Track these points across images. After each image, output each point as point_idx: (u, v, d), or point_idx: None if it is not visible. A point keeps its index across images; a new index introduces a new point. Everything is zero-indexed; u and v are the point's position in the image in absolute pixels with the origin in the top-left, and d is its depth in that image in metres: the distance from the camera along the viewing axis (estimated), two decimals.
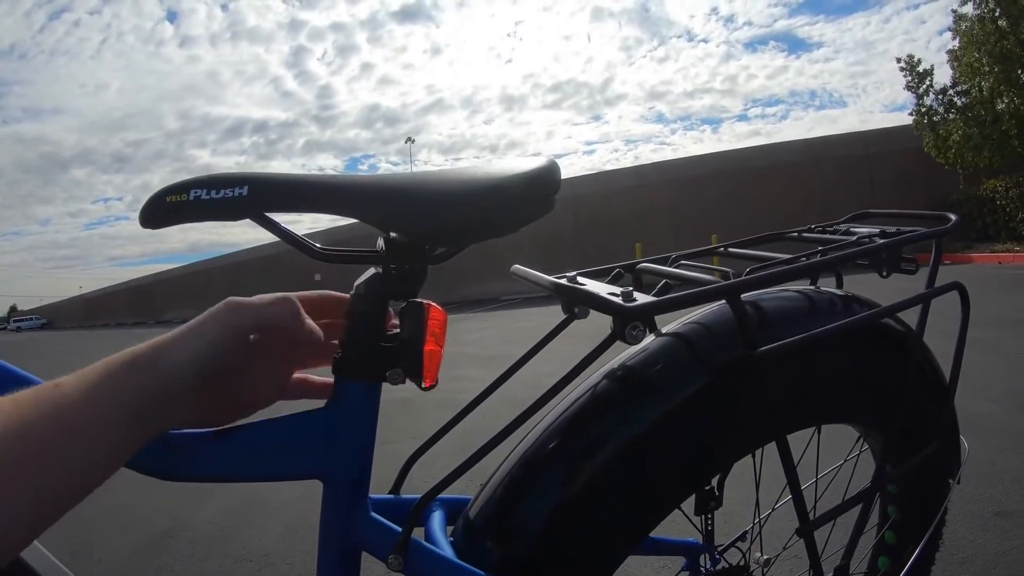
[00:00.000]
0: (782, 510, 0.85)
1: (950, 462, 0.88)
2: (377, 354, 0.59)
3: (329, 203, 0.56)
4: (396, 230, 0.59)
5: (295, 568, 2.23)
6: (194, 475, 0.58)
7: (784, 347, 0.58)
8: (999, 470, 2.31)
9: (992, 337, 4.70)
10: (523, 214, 0.61)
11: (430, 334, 0.59)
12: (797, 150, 18.52)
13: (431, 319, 0.59)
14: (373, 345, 0.59)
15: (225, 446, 0.59)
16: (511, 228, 0.61)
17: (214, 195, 0.52)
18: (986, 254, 12.58)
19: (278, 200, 0.55)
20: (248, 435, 0.59)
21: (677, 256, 0.82)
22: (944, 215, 0.79)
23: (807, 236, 0.83)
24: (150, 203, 0.54)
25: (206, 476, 0.59)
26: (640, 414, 0.61)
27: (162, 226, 0.55)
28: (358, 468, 0.61)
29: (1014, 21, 12.94)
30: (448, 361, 0.70)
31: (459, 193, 0.59)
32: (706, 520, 0.85)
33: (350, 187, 0.57)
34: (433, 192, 0.59)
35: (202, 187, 0.52)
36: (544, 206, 0.62)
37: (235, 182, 0.53)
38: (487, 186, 0.59)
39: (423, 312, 0.59)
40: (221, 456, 0.59)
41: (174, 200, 0.53)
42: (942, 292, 0.72)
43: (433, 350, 0.59)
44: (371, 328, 0.59)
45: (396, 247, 0.59)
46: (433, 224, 0.59)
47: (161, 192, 0.53)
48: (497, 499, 0.63)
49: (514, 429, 0.58)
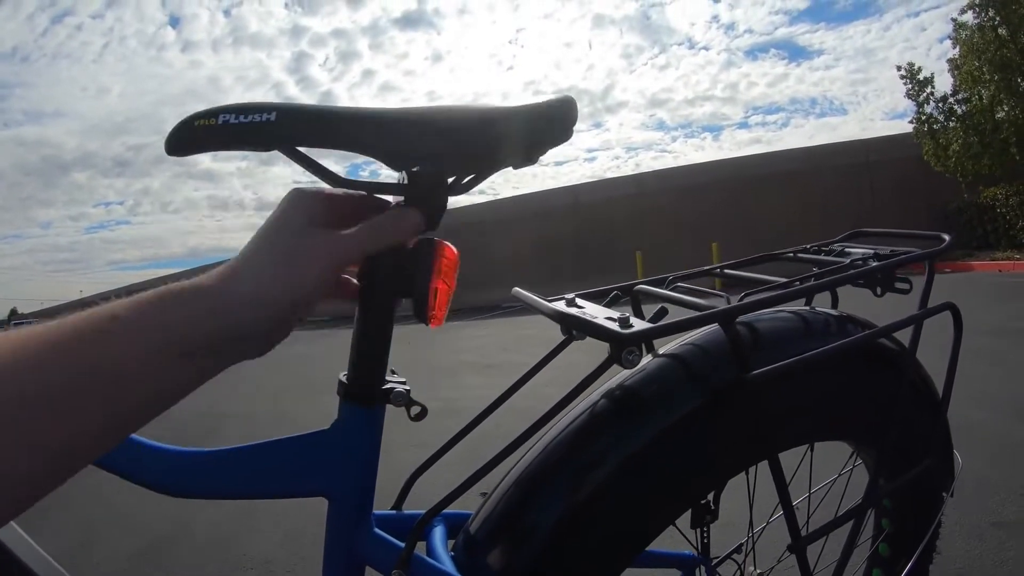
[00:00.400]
0: (780, 522, 0.86)
1: (944, 476, 0.89)
2: (391, 284, 0.59)
3: (354, 132, 0.57)
4: (421, 158, 0.58)
5: (296, 575, 2.23)
6: (201, 492, 0.61)
7: (778, 370, 0.60)
8: (996, 480, 2.31)
9: (991, 346, 4.70)
10: (545, 139, 0.61)
11: (439, 272, 0.59)
12: (797, 158, 18.54)
13: (443, 258, 0.59)
14: (387, 276, 0.59)
15: (232, 465, 0.62)
16: (535, 153, 0.61)
17: (243, 119, 0.53)
18: (986, 262, 12.60)
19: (304, 128, 0.55)
20: (255, 454, 0.62)
21: (674, 278, 0.84)
22: (938, 235, 0.80)
23: (802, 257, 0.85)
24: (178, 128, 0.54)
25: (213, 493, 0.61)
26: (637, 433, 0.63)
27: (189, 152, 0.55)
28: (362, 487, 0.63)
29: (1014, 30, 12.97)
30: (448, 369, 0.70)
31: (484, 118, 0.60)
32: (702, 533, 0.86)
33: (375, 115, 0.58)
34: (459, 117, 0.59)
35: (231, 112, 0.53)
36: (564, 134, 0.62)
37: (264, 108, 0.53)
38: (510, 112, 0.60)
39: (434, 249, 0.59)
40: (228, 474, 0.62)
41: (203, 124, 0.53)
42: (935, 313, 0.73)
43: (441, 288, 0.59)
44: (389, 260, 0.59)
45: (419, 178, 0.59)
46: (461, 147, 0.59)
47: (190, 117, 0.54)
48: (497, 514, 0.65)
49: (514, 449, 0.60)
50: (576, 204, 19.84)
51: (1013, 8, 12.82)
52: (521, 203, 21.03)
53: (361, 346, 0.61)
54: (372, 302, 0.60)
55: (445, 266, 0.59)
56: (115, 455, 0.60)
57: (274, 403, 5.83)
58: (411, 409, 0.63)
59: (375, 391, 0.62)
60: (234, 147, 0.55)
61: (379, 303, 0.60)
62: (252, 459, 0.62)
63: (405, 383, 0.64)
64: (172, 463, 0.61)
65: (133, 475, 0.60)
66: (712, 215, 17.81)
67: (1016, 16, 12.83)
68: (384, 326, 0.61)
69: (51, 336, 0.41)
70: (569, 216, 19.73)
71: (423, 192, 0.59)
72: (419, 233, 0.58)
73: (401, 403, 0.62)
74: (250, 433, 4.59)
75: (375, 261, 0.58)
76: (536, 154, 0.62)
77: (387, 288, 0.59)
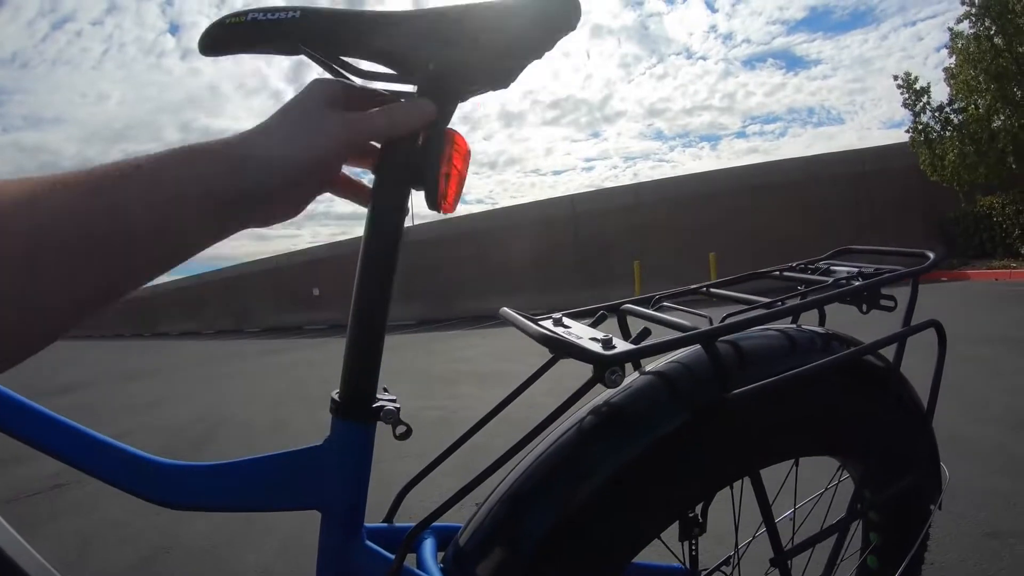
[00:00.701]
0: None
1: (931, 489, 0.90)
2: (403, 173, 0.61)
3: (373, 31, 0.59)
4: (436, 53, 0.60)
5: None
6: (196, 504, 0.64)
7: (757, 390, 0.61)
8: (990, 491, 2.32)
9: (986, 355, 4.71)
10: (558, 25, 0.61)
11: (449, 159, 0.60)
12: (795, 168, 18.54)
13: (454, 145, 0.61)
14: (400, 165, 0.61)
15: (226, 478, 0.64)
16: (549, 42, 0.62)
17: (269, 17, 0.57)
18: (983, 271, 12.62)
19: (325, 26, 0.58)
20: (249, 468, 0.64)
21: (660, 297, 0.85)
22: (923, 253, 0.81)
23: (788, 275, 0.86)
24: (211, 28, 0.58)
25: (207, 506, 0.64)
26: (623, 448, 0.64)
27: (221, 52, 0.59)
28: (353, 501, 0.65)
29: (1009, 39, 13.01)
30: (446, 378, 0.71)
31: (497, 11, 0.61)
32: (691, 546, 0.87)
33: (394, 15, 0.60)
34: (475, 12, 0.60)
35: (259, 12, 0.57)
36: (573, 19, 0.62)
37: (289, 8, 0.57)
38: (521, 4, 0.61)
39: (444, 137, 0.61)
40: (222, 487, 0.64)
41: (233, 22, 0.57)
42: (919, 330, 0.74)
43: (452, 174, 0.61)
44: (402, 150, 0.61)
45: (433, 72, 0.61)
46: (475, 41, 0.60)
47: (222, 17, 0.58)
48: (486, 527, 0.66)
49: (502, 464, 0.62)
50: (574, 214, 19.84)
51: (1009, 18, 12.86)
52: (519, 212, 21.04)
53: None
54: (385, 195, 0.62)
55: (456, 154, 0.61)
56: (111, 466, 0.62)
57: (273, 411, 5.83)
58: (396, 428, 0.65)
59: (367, 408, 0.64)
60: (260, 47, 0.59)
61: (392, 195, 0.62)
62: (246, 473, 0.64)
63: (395, 401, 0.66)
64: (167, 475, 0.63)
65: (129, 486, 0.63)
66: (710, 225, 17.82)
67: (1012, 26, 12.87)
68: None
69: (79, 179, 0.44)
70: (567, 225, 19.75)
71: (437, 85, 0.61)
72: (432, 124, 0.60)
73: (390, 421, 0.64)
74: (246, 440, 4.61)
75: (388, 152, 0.61)
76: (550, 43, 0.62)
77: (400, 178, 0.61)
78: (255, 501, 0.65)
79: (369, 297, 0.62)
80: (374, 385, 0.64)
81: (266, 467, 0.64)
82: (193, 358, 14.07)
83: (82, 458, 0.62)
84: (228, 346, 17.02)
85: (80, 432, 0.63)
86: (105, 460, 0.63)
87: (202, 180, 0.48)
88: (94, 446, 0.63)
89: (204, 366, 11.53)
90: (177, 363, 13.31)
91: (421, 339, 12.76)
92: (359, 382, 0.63)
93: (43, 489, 3.75)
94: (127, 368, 13.08)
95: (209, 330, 26.84)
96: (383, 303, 0.63)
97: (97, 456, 0.63)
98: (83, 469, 0.62)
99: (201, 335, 25.08)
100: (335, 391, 0.64)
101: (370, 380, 0.63)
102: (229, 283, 28.53)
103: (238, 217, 0.52)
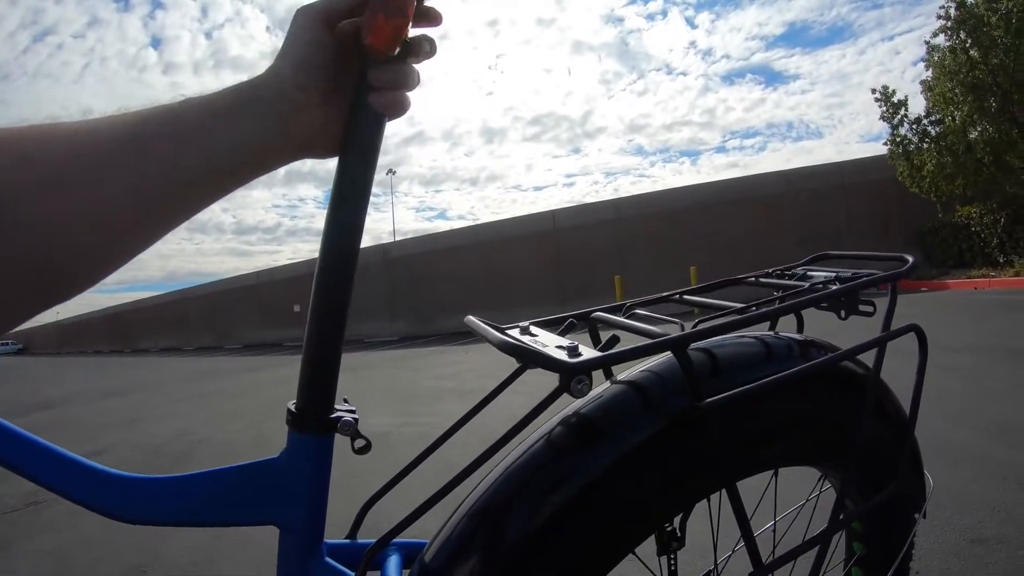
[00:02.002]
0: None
1: (915, 498, 0.88)
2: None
3: None
4: None
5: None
6: (152, 519, 0.60)
7: (730, 398, 0.59)
8: (974, 498, 2.33)
9: (967, 364, 4.74)
10: None
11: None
12: (775, 182, 18.74)
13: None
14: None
15: (182, 492, 0.61)
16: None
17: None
18: (962, 280, 12.76)
19: None
20: (203, 482, 0.62)
21: (631, 304, 0.83)
22: (902, 257, 0.80)
23: (764, 281, 0.84)
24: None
25: (164, 520, 0.61)
26: (593, 460, 0.61)
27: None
28: (312, 516, 0.63)
29: (984, 52, 13.21)
30: (428, 394, 0.69)
31: None
32: (670, 561, 0.85)
33: None
34: None
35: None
36: None
37: None
38: None
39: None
40: (178, 501, 0.61)
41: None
42: (899, 335, 0.72)
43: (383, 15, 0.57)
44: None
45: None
46: None
47: None
48: (452, 543, 0.63)
49: (465, 477, 0.59)
50: (555, 229, 19.94)
51: (984, 31, 13.07)
52: (500, 228, 21.10)
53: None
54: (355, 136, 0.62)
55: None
56: (69, 480, 0.59)
57: (256, 428, 5.77)
58: (355, 442, 0.62)
59: (324, 420, 0.61)
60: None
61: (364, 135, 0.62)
62: (201, 486, 0.61)
63: (354, 412, 0.63)
64: (124, 489, 0.60)
65: (85, 500, 0.59)
66: (691, 240, 17.95)
67: (987, 38, 13.07)
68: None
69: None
70: (548, 241, 19.82)
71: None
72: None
73: (348, 432, 0.61)
74: (226, 457, 4.55)
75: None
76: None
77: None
78: (210, 516, 0.62)
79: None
80: (332, 396, 0.62)
81: (221, 481, 0.62)
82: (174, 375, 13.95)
83: (33, 468, 0.59)
84: (208, 363, 16.88)
85: (32, 442, 0.60)
86: (57, 471, 0.59)
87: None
88: (46, 457, 0.60)
89: (185, 383, 11.42)
90: (158, 380, 13.18)
91: (402, 355, 12.73)
92: (316, 392, 0.61)
93: (19, 507, 3.70)
94: (107, 385, 12.96)
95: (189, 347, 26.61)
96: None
97: (49, 467, 0.59)
98: (33, 479, 0.59)
99: (182, 351, 24.86)
100: (291, 402, 0.62)
101: (327, 390, 0.61)
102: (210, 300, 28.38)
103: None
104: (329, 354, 0.61)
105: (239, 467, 0.62)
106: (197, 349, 25.48)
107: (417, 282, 20.44)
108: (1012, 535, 2.03)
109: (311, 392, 0.61)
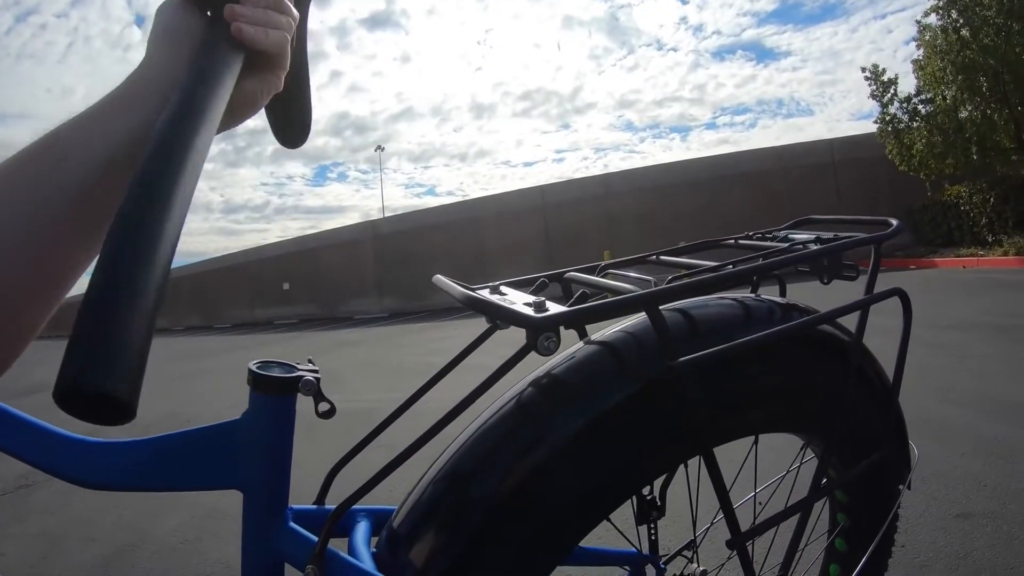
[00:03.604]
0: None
1: (900, 468, 0.87)
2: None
3: None
4: None
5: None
6: (112, 484, 0.58)
7: (704, 358, 0.56)
8: (961, 473, 2.33)
9: (954, 340, 4.75)
10: None
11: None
12: (765, 158, 18.70)
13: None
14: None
15: (142, 455, 0.59)
16: None
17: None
18: (950, 259, 12.80)
19: None
20: (163, 445, 0.59)
21: (605, 265, 0.81)
22: (886, 220, 0.78)
23: (743, 243, 0.82)
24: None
25: (124, 485, 0.59)
26: (564, 424, 0.60)
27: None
28: (275, 480, 0.61)
29: (975, 31, 13.16)
30: (417, 371, 0.67)
31: None
32: (650, 530, 0.84)
33: None
34: None
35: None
36: None
37: None
38: None
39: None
40: (136, 465, 0.59)
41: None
42: (882, 298, 0.70)
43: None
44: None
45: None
46: None
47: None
48: (421, 509, 0.62)
49: (429, 439, 0.57)
50: (544, 204, 19.84)
51: (976, 11, 13.02)
52: (488, 204, 20.98)
53: None
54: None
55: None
56: (28, 445, 0.57)
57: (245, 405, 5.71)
58: (319, 405, 0.60)
59: (284, 380, 0.59)
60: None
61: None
62: (161, 450, 0.59)
63: (317, 372, 0.61)
64: (78, 452, 0.58)
65: (44, 464, 0.57)
66: (680, 215, 17.91)
67: (978, 18, 13.02)
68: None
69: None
70: (537, 216, 19.74)
71: None
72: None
73: (309, 392, 0.59)
74: None
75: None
76: None
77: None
78: (170, 480, 0.60)
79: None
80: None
81: (181, 444, 0.59)
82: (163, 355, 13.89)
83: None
84: (198, 343, 16.82)
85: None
86: (10, 433, 0.57)
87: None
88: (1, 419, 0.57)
89: (174, 363, 11.36)
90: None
91: (393, 331, 12.69)
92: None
93: (9, 490, 3.68)
94: None
95: (179, 327, 26.47)
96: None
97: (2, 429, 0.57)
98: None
99: (171, 331, 24.78)
100: (253, 362, 0.60)
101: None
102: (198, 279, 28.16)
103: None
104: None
105: (199, 429, 0.60)
106: (187, 329, 25.34)
107: (406, 258, 20.33)
108: (998, 510, 2.03)
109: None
